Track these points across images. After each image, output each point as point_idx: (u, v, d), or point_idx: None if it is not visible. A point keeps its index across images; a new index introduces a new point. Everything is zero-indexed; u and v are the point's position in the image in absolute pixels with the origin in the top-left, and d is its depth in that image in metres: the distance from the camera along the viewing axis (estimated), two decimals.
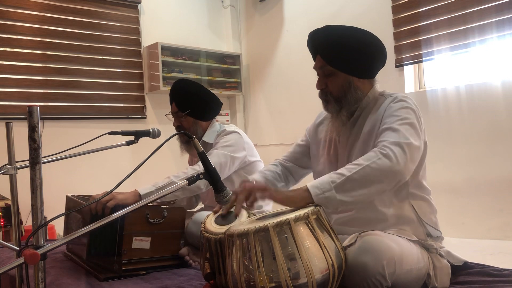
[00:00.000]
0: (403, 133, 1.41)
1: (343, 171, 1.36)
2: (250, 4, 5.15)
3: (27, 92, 3.90)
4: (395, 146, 1.37)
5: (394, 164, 1.34)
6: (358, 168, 1.34)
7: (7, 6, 3.80)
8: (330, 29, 1.59)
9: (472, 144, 3.29)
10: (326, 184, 1.34)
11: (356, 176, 1.33)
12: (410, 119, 1.46)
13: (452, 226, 3.27)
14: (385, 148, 1.37)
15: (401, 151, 1.36)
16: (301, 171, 1.84)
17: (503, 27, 3.12)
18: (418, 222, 1.54)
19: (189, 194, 2.09)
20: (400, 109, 1.49)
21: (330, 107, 1.60)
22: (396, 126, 1.44)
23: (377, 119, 1.54)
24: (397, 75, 3.76)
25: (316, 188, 1.33)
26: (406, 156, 1.37)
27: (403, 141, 1.38)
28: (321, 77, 1.61)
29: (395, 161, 1.34)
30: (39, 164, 1.06)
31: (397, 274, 1.30)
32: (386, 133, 1.44)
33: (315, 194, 1.32)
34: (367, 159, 1.36)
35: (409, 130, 1.43)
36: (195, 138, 1.37)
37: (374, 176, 1.33)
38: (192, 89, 2.27)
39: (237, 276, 1.21)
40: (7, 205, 3.07)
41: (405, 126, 1.44)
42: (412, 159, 1.40)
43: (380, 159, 1.34)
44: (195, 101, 2.25)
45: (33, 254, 0.94)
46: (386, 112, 1.52)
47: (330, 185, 1.33)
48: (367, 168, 1.33)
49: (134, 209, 1.15)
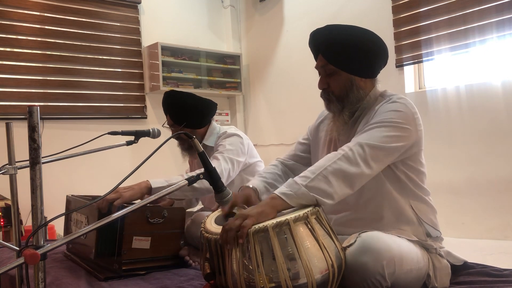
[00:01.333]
0: (372, 134, 1.42)
1: (306, 174, 1.36)
2: (250, 4, 5.16)
3: (27, 92, 3.90)
4: (356, 146, 1.39)
5: (351, 165, 1.36)
6: (319, 170, 1.35)
7: (7, 6, 3.80)
8: (331, 28, 1.59)
9: (472, 144, 3.29)
10: (294, 185, 1.33)
11: (320, 177, 1.34)
12: (392, 121, 1.45)
13: (452, 226, 3.27)
14: (345, 148, 1.40)
15: (360, 151, 1.38)
16: (303, 168, 1.83)
17: (503, 27, 3.12)
18: (417, 223, 1.54)
19: (199, 195, 2.08)
20: (387, 112, 1.48)
21: (332, 106, 1.59)
22: (369, 127, 1.45)
23: (368, 119, 1.53)
24: (397, 75, 3.76)
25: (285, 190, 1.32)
26: (365, 157, 1.38)
27: (366, 142, 1.40)
28: (323, 77, 1.60)
29: (353, 162, 1.37)
30: (39, 164, 1.06)
31: (397, 274, 1.30)
32: (357, 134, 1.46)
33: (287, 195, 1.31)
34: (327, 159, 1.38)
35: (381, 131, 1.42)
36: (195, 138, 1.37)
37: (333, 176, 1.35)
38: (184, 101, 2.24)
39: (237, 276, 1.21)
40: (7, 205, 3.07)
41: (380, 127, 1.43)
42: (375, 160, 1.40)
43: (339, 159, 1.37)
44: (190, 113, 2.24)
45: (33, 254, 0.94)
46: (376, 112, 1.51)
47: (299, 185, 1.32)
48: (328, 168, 1.35)
49: (134, 209, 1.15)
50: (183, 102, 2.25)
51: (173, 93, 2.30)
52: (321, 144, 1.73)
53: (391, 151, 1.44)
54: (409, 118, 1.48)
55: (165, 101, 2.29)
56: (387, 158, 1.44)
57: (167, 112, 2.29)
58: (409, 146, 1.48)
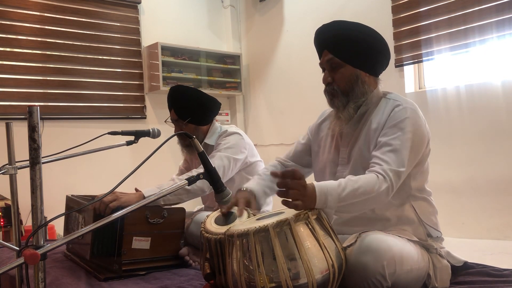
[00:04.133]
0: (402, 158, 1.43)
1: (347, 194, 1.35)
2: (250, 4, 5.16)
3: (27, 92, 3.90)
4: (394, 175, 1.41)
5: (388, 194, 1.40)
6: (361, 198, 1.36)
7: (7, 6, 3.80)
8: (338, 23, 1.60)
9: (472, 144, 3.29)
10: (331, 203, 1.33)
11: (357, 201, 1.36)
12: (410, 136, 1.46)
13: (452, 226, 3.27)
14: (386, 178, 1.39)
15: (397, 180, 1.42)
16: (303, 170, 1.83)
17: (503, 27, 3.11)
18: (418, 223, 1.54)
19: (193, 197, 2.08)
20: (404, 120, 1.49)
21: (337, 101, 1.59)
22: (397, 146, 1.45)
23: (379, 122, 1.53)
24: (397, 75, 3.76)
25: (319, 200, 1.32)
26: (398, 185, 1.43)
27: (401, 170, 1.42)
28: (327, 71, 1.60)
29: (390, 192, 1.40)
30: (39, 164, 1.06)
31: (397, 274, 1.30)
32: (388, 153, 1.45)
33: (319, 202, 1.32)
34: (371, 186, 1.37)
35: (406, 152, 1.44)
36: (195, 138, 1.36)
37: (366, 200, 1.37)
38: (191, 96, 2.25)
39: (237, 276, 1.21)
40: (7, 205, 3.07)
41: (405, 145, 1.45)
42: (401, 180, 1.45)
43: (382, 192, 1.38)
44: (195, 108, 2.24)
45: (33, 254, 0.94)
46: (389, 119, 1.51)
47: (334, 205, 1.33)
48: (369, 200, 1.37)
49: (134, 209, 1.15)
50: (189, 96, 2.25)
51: (180, 87, 2.30)
52: (323, 143, 1.73)
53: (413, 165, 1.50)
54: (422, 125, 1.51)
55: (170, 95, 2.29)
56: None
57: (172, 107, 2.28)
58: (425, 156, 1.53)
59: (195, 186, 1.93)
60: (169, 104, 2.30)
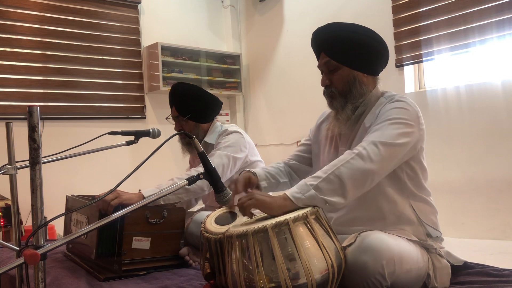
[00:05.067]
0: (383, 132, 1.42)
1: (318, 174, 1.37)
2: (250, 4, 5.16)
3: (27, 92, 3.90)
4: (370, 144, 1.39)
5: (365, 162, 1.36)
6: (332, 169, 1.35)
7: (7, 6, 3.80)
8: (333, 25, 1.60)
9: (472, 144, 3.29)
10: (304, 186, 1.33)
11: (332, 176, 1.34)
12: (399, 118, 1.46)
13: (452, 226, 3.27)
14: (358, 148, 1.39)
15: (375, 148, 1.38)
16: (306, 168, 1.84)
17: (503, 27, 3.12)
18: (418, 223, 1.54)
19: (193, 196, 2.08)
20: (392, 109, 1.49)
21: (335, 102, 1.59)
22: (379, 126, 1.45)
23: (372, 119, 1.54)
24: (397, 75, 3.76)
25: (295, 192, 1.33)
26: (380, 154, 1.38)
27: (379, 140, 1.40)
28: (325, 74, 1.61)
29: (367, 160, 1.36)
30: (39, 164, 1.06)
31: (397, 274, 1.30)
32: (368, 134, 1.46)
33: (295, 198, 1.31)
34: (340, 159, 1.38)
35: (391, 128, 1.43)
36: (195, 138, 1.36)
37: (347, 175, 1.34)
38: (192, 92, 2.25)
39: (237, 276, 1.21)
40: (7, 205, 3.07)
41: (389, 125, 1.44)
42: (389, 157, 1.40)
43: (353, 158, 1.36)
44: (196, 105, 2.25)
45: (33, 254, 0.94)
46: (380, 112, 1.52)
47: (309, 187, 1.33)
48: (340, 168, 1.35)
49: (134, 209, 1.15)
50: (190, 92, 2.25)
51: (181, 84, 2.31)
52: (322, 143, 1.73)
53: (403, 147, 1.44)
54: (412, 115, 1.49)
55: (172, 92, 2.30)
56: (399, 155, 1.44)
57: (173, 103, 2.29)
58: (413, 143, 1.49)
59: (195, 185, 1.93)
60: (171, 100, 2.31)
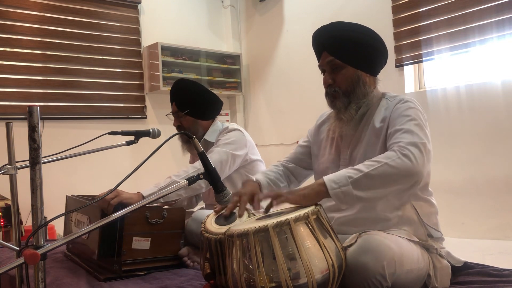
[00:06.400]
0: (418, 134, 1.42)
1: (360, 167, 1.35)
2: (250, 4, 5.15)
3: (27, 92, 3.90)
4: (413, 146, 1.37)
5: (414, 164, 1.34)
6: (377, 166, 1.34)
7: (7, 6, 3.80)
8: (336, 24, 1.60)
9: (472, 144, 3.29)
10: (343, 179, 1.33)
11: (374, 173, 1.33)
12: (419, 120, 1.47)
13: (452, 226, 3.27)
14: (404, 149, 1.37)
15: (419, 152, 1.37)
16: (304, 172, 1.84)
17: (503, 27, 3.11)
18: (419, 223, 1.54)
19: (191, 193, 2.09)
20: (408, 109, 1.50)
21: (338, 102, 1.58)
22: (409, 127, 1.44)
23: (384, 121, 1.53)
24: (397, 75, 3.76)
25: (332, 182, 1.33)
26: (424, 157, 1.38)
27: (419, 142, 1.39)
28: (328, 73, 1.60)
29: (415, 162, 1.35)
30: (39, 164, 1.06)
31: (397, 275, 1.30)
32: (401, 134, 1.44)
33: (332, 188, 1.32)
34: (386, 157, 1.36)
35: (421, 131, 1.44)
36: (195, 138, 1.36)
37: (392, 174, 1.33)
38: (192, 88, 2.27)
39: (237, 276, 1.21)
40: (7, 205, 3.07)
41: (417, 127, 1.44)
42: (428, 160, 1.42)
43: (400, 158, 1.35)
44: (195, 101, 2.25)
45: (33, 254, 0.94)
46: (393, 113, 1.52)
47: (347, 180, 1.33)
48: (385, 166, 1.33)
49: (134, 209, 1.15)
50: (190, 88, 2.27)
51: (182, 80, 2.32)
52: (323, 144, 1.73)
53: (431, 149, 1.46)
54: (422, 117, 1.51)
55: (173, 87, 2.31)
56: (432, 157, 1.45)
57: (173, 99, 2.30)
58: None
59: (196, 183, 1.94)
60: (171, 97, 2.32)
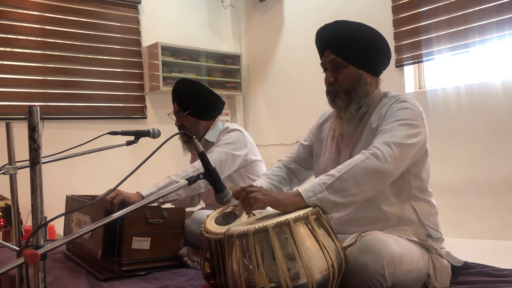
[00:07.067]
0: (394, 133, 1.43)
1: (333, 172, 1.37)
2: (250, 4, 5.16)
3: (27, 92, 3.90)
4: (383, 145, 1.39)
5: (382, 163, 1.36)
6: (347, 168, 1.36)
7: (7, 6, 3.80)
8: (340, 23, 1.60)
9: (472, 144, 3.29)
10: (318, 186, 1.34)
11: (346, 176, 1.34)
12: (407, 119, 1.47)
13: (452, 226, 3.27)
14: (373, 148, 1.40)
15: (389, 149, 1.39)
16: (305, 172, 1.83)
17: (503, 27, 3.11)
18: (419, 223, 1.54)
19: (190, 192, 2.09)
20: (399, 110, 1.50)
21: (339, 101, 1.58)
22: (389, 127, 1.45)
23: (380, 119, 1.54)
24: (397, 75, 3.76)
25: (307, 191, 1.33)
26: (394, 155, 1.39)
27: (392, 140, 1.40)
28: (329, 72, 1.60)
29: (383, 160, 1.37)
30: (39, 164, 1.06)
31: (397, 275, 1.30)
32: (382, 135, 1.45)
33: (308, 197, 1.32)
34: (355, 159, 1.39)
35: (402, 129, 1.44)
36: (195, 138, 1.36)
37: (363, 175, 1.35)
38: (194, 88, 2.27)
39: (237, 276, 1.21)
40: (7, 205, 3.07)
41: (399, 126, 1.45)
42: (402, 158, 1.41)
43: (368, 158, 1.37)
44: (197, 101, 2.25)
45: (33, 254, 0.94)
46: (387, 113, 1.52)
47: (322, 186, 1.33)
48: (356, 167, 1.36)
49: (134, 209, 1.15)
50: (192, 88, 2.27)
51: (184, 80, 2.32)
52: (324, 144, 1.73)
53: (413, 148, 1.45)
54: (419, 116, 1.50)
55: (175, 87, 2.31)
56: (410, 155, 1.45)
57: (175, 99, 2.30)
58: (421, 144, 1.50)
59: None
60: (173, 96, 2.33)
